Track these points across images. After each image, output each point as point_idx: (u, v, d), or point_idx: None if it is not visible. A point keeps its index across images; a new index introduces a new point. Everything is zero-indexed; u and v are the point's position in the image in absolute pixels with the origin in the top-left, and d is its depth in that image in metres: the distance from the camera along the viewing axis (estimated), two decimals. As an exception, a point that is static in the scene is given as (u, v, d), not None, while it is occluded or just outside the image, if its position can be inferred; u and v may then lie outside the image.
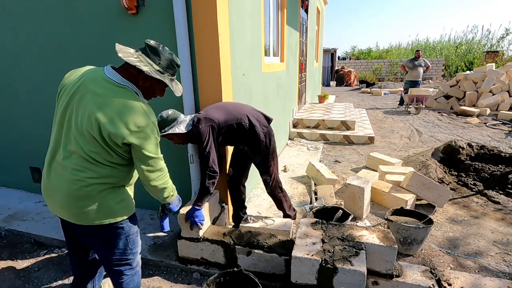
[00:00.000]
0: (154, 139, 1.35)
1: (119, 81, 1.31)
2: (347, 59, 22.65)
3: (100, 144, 1.28)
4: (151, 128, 1.32)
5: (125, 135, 1.25)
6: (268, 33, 4.02)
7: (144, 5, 2.23)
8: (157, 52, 1.36)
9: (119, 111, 1.25)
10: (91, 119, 1.24)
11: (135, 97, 1.32)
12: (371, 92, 13.14)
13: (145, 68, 1.31)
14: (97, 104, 1.25)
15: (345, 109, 7.14)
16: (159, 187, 1.45)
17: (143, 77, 1.34)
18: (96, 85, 1.28)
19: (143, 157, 1.33)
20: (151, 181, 1.41)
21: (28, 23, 2.64)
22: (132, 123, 1.26)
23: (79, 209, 1.34)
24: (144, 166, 1.35)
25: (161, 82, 1.40)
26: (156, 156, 1.37)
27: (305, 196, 3.31)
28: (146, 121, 1.30)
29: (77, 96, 1.29)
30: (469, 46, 18.93)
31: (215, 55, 2.17)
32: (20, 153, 3.25)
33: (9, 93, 3.03)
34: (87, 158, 1.29)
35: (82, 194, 1.32)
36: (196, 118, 2.02)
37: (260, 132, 2.17)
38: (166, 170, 1.48)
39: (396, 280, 1.75)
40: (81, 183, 1.30)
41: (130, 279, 1.62)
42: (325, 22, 11.41)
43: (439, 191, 2.90)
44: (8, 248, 2.51)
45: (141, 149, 1.31)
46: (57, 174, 1.35)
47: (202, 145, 1.96)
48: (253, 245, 2.04)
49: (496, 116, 7.44)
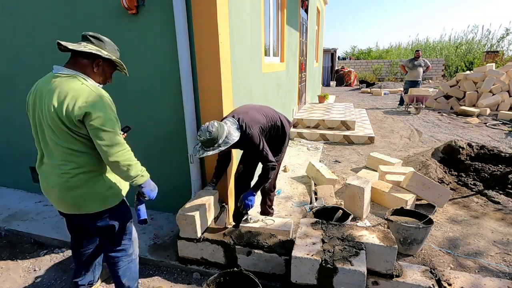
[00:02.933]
0: (106, 113, 1.40)
1: (66, 72, 1.44)
2: (347, 59, 22.64)
3: (67, 132, 1.40)
4: (100, 103, 1.40)
5: (75, 111, 1.35)
6: (268, 33, 4.02)
7: (144, 5, 2.23)
8: (100, 39, 1.53)
9: (67, 94, 1.37)
10: (50, 111, 1.38)
11: (82, 81, 1.43)
12: (371, 92, 13.14)
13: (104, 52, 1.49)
14: (50, 96, 1.39)
15: (345, 109, 7.14)
16: (121, 163, 1.45)
17: (97, 63, 1.50)
18: (47, 85, 1.43)
19: (96, 131, 1.39)
20: (110, 156, 1.42)
21: (28, 23, 2.64)
22: (80, 101, 1.36)
23: (73, 200, 1.50)
24: (100, 141, 1.40)
25: (111, 65, 1.57)
26: (110, 130, 1.41)
27: (305, 196, 3.31)
28: (93, 98, 1.39)
29: (37, 103, 1.45)
30: (469, 46, 18.92)
31: (215, 55, 2.17)
32: (20, 153, 3.25)
33: (9, 93, 3.03)
34: (65, 151, 1.44)
35: (71, 185, 1.47)
36: (244, 123, 2.03)
37: (287, 132, 2.40)
38: (127, 147, 1.49)
39: (396, 280, 1.75)
40: (67, 175, 1.46)
41: (127, 266, 1.73)
42: (325, 22, 11.41)
43: (439, 191, 2.90)
44: (8, 248, 2.51)
45: (92, 123, 1.37)
46: (48, 174, 1.52)
47: (258, 146, 2.07)
48: (253, 245, 2.04)
49: (496, 116, 7.44)
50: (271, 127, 2.27)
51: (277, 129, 2.33)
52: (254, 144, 2.05)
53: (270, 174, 2.16)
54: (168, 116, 2.49)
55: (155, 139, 2.61)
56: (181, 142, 2.49)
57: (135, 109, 2.54)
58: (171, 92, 2.40)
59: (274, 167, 2.16)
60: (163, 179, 2.72)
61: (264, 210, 2.70)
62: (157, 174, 2.70)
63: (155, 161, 2.69)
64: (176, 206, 2.26)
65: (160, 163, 2.68)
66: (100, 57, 1.49)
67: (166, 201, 2.81)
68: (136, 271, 1.80)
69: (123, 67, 1.64)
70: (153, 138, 2.61)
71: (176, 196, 2.69)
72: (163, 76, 2.39)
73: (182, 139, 2.47)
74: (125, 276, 1.74)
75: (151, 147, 2.64)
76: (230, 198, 2.63)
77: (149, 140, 2.62)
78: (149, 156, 2.68)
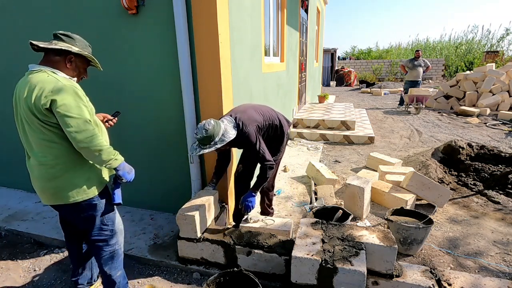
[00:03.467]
0: (70, 100, 1.45)
1: (36, 68, 1.55)
2: (347, 59, 22.64)
3: (38, 123, 1.47)
4: (65, 91, 1.45)
5: (42, 100, 1.42)
6: (268, 33, 4.02)
7: (144, 5, 2.23)
8: (71, 36, 1.61)
9: (36, 86, 1.46)
10: (22, 104, 1.49)
11: (48, 73, 1.51)
12: (371, 92, 13.14)
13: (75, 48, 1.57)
14: (23, 91, 1.50)
15: (345, 109, 7.14)
16: (91, 148, 1.48)
17: (69, 59, 1.58)
18: (22, 83, 1.55)
19: (63, 118, 1.43)
20: (79, 142, 1.46)
21: (28, 23, 2.64)
22: (46, 90, 1.43)
23: (53, 190, 1.56)
24: (68, 128, 1.44)
25: (83, 61, 1.65)
26: (77, 116, 1.45)
27: (305, 196, 3.31)
28: (59, 86, 1.45)
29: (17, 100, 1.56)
30: (469, 46, 18.92)
31: (215, 55, 2.17)
32: (20, 153, 3.23)
33: (9, 92, 3.02)
34: (41, 144, 1.51)
35: (50, 176, 1.54)
36: (241, 122, 2.04)
37: (286, 132, 2.39)
38: (96, 133, 1.51)
39: (396, 280, 1.75)
40: (45, 167, 1.53)
41: (108, 256, 1.77)
42: (325, 22, 11.41)
43: (439, 191, 2.90)
44: (8, 248, 2.51)
45: (58, 110, 1.42)
46: (32, 167, 1.59)
47: (255, 145, 2.07)
48: (253, 245, 2.04)
49: (496, 116, 7.44)
50: (268, 126, 2.27)
51: (275, 128, 2.33)
52: (250, 142, 2.06)
53: (268, 174, 2.16)
54: (168, 116, 2.49)
55: (155, 139, 2.61)
56: (181, 142, 2.49)
57: (135, 109, 2.54)
58: (171, 92, 2.40)
59: (272, 166, 2.17)
60: (163, 179, 2.74)
61: (264, 210, 2.71)
62: (157, 174, 2.72)
63: (155, 161, 2.69)
64: (176, 206, 2.26)
65: (160, 163, 2.68)
66: (71, 53, 1.57)
67: (166, 201, 2.82)
68: (118, 261, 1.83)
69: (95, 61, 1.69)
70: (153, 138, 2.61)
71: (176, 196, 2.69)
72: (163, 76, 2.39)
73: (182, 139, 2.47)
74: (107, 265, 1.78)
75: (151, 147, 2.64)
76: (230, 198, 2.63)
77: (149, 140, 2.62)
78: (149, 156, 2.68)
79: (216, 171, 2.35)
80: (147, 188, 2.81)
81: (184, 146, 2.48)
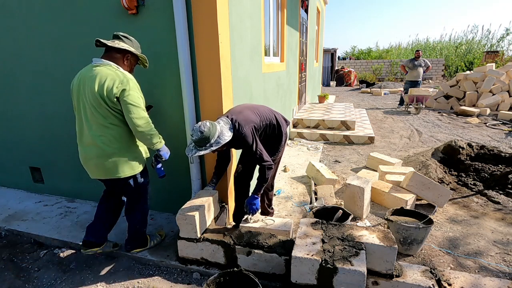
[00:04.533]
0: (134, 92, 1.82)
1: (102, 62, 1.86)
2: (347, 59, 22.63)
3: (106, 108, 1.80)
4: (131, 84, 1.82)
5: (114, 90, 1.76)
6: (268, 33, 4.02)
7: (144, 5, 2.23)
8: (129, 38, 1.97)
9: (106, 78, 1.77)
10: (93, 92, 1.78)
11: (114, 69, 1.84)
12: (371, 92, 13.14)
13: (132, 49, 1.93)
14: (92, 81, 1.79)
15: (345, 109, 7.14)
16: (146, 132, 1.86)
17: (127, 57, 1.93)
18: (88, 73, 1.84)
19: (128, 106, 1.78)
20: (138, 127, 1.82)
21: (28, 23, 2.64)
22: (116, 82, 1.77)
23: (108, 165, 1.91)
24: (130, 114, 1.79)
25: (135, 59, 2.01)
26: (137, 105, 1.81)
27: (305, 196, 3.31)
28: (126, 80, 1.81)
29: (81, 88, 1.85)
30: (469, 46, 18.91)
31: (215, 55, 2.17)
32: (20, 153, 3.25)
33: (9, 93, 3.03)
34: (103, 125, 1.84)
35: (106, 153, 1.88)
36: (237, 123, 2.03)
37: (284, 131, 2.41)
38: (149, 120, 1.88)
39: (396, 280, 1.75)
40: (103, 145, 1.87)
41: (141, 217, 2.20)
42: (325, 22, 11.41)
43: (439, 191, 2.90)
44: (8, 248, 2.51)
45: (125, 99, 1.78)
46: (87, 145, 1.91)
47: (252, 146, 2.08)
48: (253, 245, 2.04)
49: (496, 116, 7.44)
50: (266, 126, 2.26)
51: (273, 128, 2.33)
52: (247, 143, 2.05)
53: (267, 174, 2.17)
54: (168, 116, 2.49)
55: (155, 139, 2.61)
56: (181, 142, 2.49)
57: (135, 109, 2.54)
58: (171, 92, 2.40)
59: (270, 166, 2.17)
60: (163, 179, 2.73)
61: (264, 210, 2.70)
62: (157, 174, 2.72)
63: (155, 161, 2.69)
64: (176, 206, 2.26)
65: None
66: (129, 52, 1.92)
67: (166, 201, 2.82)
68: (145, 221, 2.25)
69: (145, 60, 2.07)
70: (153, 138, 2.60)
71: (176, 196, 2.69)
72: (163, 76, 2.38)
73: (182, 139, 2.47)
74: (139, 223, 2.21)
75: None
76: (230, 198, 2.63)
77: (149, 140, 2.62)
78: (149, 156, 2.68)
79: (216, 171, 2.36)
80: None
81: (184, 146, 2.48)
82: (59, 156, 3.07)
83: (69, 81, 2.59)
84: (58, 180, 3.19)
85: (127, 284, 2.08)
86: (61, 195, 3.27)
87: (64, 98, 2.75)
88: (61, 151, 3.02)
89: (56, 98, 2.81)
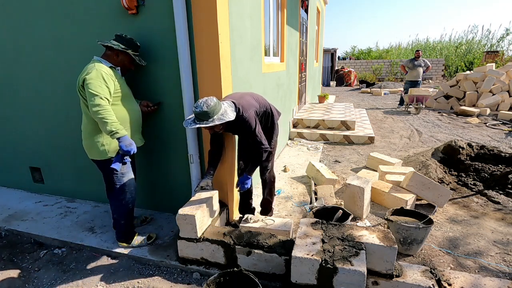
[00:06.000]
0: (95, 81, 1.94)
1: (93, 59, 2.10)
2: (347, 59, 22.63)
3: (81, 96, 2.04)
4: (92, 74, 1.95)
5: (80, 80, 1.98)
6: (268, 33, 4.02)
7: (144, 5, 2.23)
8: (120, 36, 2.13)
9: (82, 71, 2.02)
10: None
11: (95, 63, 2.03)
12: (371, 92, 13.14)
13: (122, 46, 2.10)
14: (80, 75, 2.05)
15: (345, 109, 7.14)
16: (100, 120, 1.93)
17: (116, 52, 2.12)
18: None
19: (87, 93, 1.93)
20: (93, 113, 1.93)
21: (28, 23, 2.64)
22: (84, 73, 1.98)
23: (86, 147, 2.20)
24: (88, 101, 1.94)
25: (127, 55, 2.15)
26: (95, 93, 1.92)
27: (305, 196, 3.31)
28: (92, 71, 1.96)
29: None
30: (469, 46, 18.90)
31: (215, 55, 2.17)
32: (20, 153, 3.25)
33: (9, 93, 3.03)
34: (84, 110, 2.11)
35: (83, 136, 2.18)
36: (240, 106, 2.07)
37: (276, 122, 2.45)
38: (106, 108, 1.94)
39: (396, 280, 1.75)
40: (82, 128, 2.18)
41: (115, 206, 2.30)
42: (325, 22, 11.41)
43: (439, 191, 2.90)
44: (8, 248, 2.51)
45: (85, 87, 1.93)
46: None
47: (253, 129, 2.13)
48: (253, 245, 2.04)
49: (496, 116, 7.44)
50: (263, 113, 2.33)
51: (267, 117, 2.38)
52: (250, 126, 2.09)
53: (263, 156, 2.23)
54: (168, 116, 2.49)
55: (155, 139, 2.61)
56: (181, 142, 2.49)
57: (135, 109, 2.54)
58: (171, 92, 2.40)
59: (267, 150, 2.24)
60: (163, 179, 2.74)
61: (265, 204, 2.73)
62: (157, 174, 2.72)
63: (155, 161, 2.69)
64: (176, 206, 2.26)
65: (160, 163, 2.68)
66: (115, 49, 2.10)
67: (166, 201, 2.82)
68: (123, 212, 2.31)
69: (138, 58, 2.20)
70: (153, 138, 2.61)
71: (176, 196, 2.69)
72: (163, 76, 2.39)
73: (182, 139, 2.47)
74: (115, 212, 2.31)
75: (151, 147, 2.63)
76: (230, 198, 2.63)
77: (150, 140, 2.62)
78: (149, 156, 2.68)
79: (211, 160, 2.34)
80: (147, 188, 2.81)
81: (184, 146, 2.48)
82: (59, 156, 3.07)
83: (69, 81, 2.60)
84: (58, 180, 3.19)
85: (127, 284, 2.08)
86: (61, 195, 3.27)
87: (64, 98, 2.75)
88: (61, 151, 3.02)
89: (56, 98, 2.81)
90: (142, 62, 2.24)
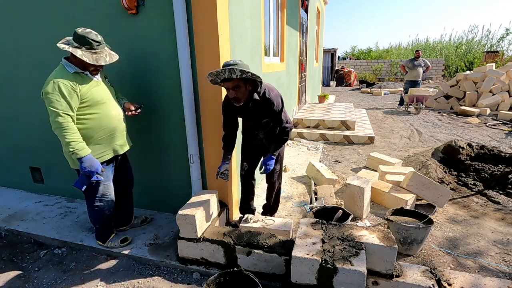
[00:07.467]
0: (52, 96, 1.79)
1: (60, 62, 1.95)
2: (347, 59, 22.63)
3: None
4: (49, 88, 1.80)
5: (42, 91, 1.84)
6: (268, 33, 4.02)
7: (144, 5, 2.23)
8: (74, 33, 1.87)
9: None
10: None
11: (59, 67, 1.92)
12: (371, 92, 13.14)
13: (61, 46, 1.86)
14: None
15: (345, 109, 7.14)
16: (61, 139, 1.84)
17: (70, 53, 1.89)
18: None
19: (48, 109, 1.81)
20: (54, 131, 1.83)
21: (28, 23, 2.64)
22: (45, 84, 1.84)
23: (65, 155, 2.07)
24: (50, 118, 1.82)
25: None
26: (53, 108, 1.79)
27: (305, 196, 3.31)
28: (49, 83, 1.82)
29: None
30: (469, 46, 18.90)
31: (215, 55, 2.17)
32: (20, 153, 3.25)
33: (9, 93, 3.02)
34: None
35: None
36: (265, 88, 2.08)
37: None
38: (64, 126, 1.81)
39: (396, 280, 1.75)
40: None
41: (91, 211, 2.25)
42: (325, 22, 11.41)
43: (439, 191, 2.90)
44: (8, 248, 2.51)
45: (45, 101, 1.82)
46: None
47: (280, 109, 2.15)
48: (253, 245, 2.04)
49: (496, 116, 7.44)
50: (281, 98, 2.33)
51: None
52: (278, 105, 2.11)
53: (289, 136, 2.24)
54: (168, 116, 2.49)
55: (155, 139, 2.61)
56: (181, 142, 2.49)
57: (135, 109, 2.54)
58: (171, 93, 2.40)
59: (292, 128, 2.25)
60: (163, 179, 2.74)
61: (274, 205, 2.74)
62: (157, 174, 2.72)
63: (155, 161, 2.69)
64: (176, 206, 2.26)
65: (160, 163, 2.68)
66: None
67: (166, 201, 2.82)
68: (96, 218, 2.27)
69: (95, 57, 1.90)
70: (153, 138, 2.61)
71: (176, 196, 2.69)
72: (163, 76, 2.38)
73: (183, 139, 2.47)
74: (91, 216, 2.30)
75: (151, 147, 2.64)
76: (230, 198, 2.63)
77: (150, 140, 2.62)
78: (149, 156, 2.68)
79: (227, 145, 2.28)
80: (147, 188, 2.81)
81: (184, 146, 2.48)
82: (59, 156, 3.04)
83: (69, 81, 2.59)
84: (58, 180, 3.19)
85: (127, 284, 2.08)
86: (61, 195, 3.27)
87: (64, 98, 2.75)
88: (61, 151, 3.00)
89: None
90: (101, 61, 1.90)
